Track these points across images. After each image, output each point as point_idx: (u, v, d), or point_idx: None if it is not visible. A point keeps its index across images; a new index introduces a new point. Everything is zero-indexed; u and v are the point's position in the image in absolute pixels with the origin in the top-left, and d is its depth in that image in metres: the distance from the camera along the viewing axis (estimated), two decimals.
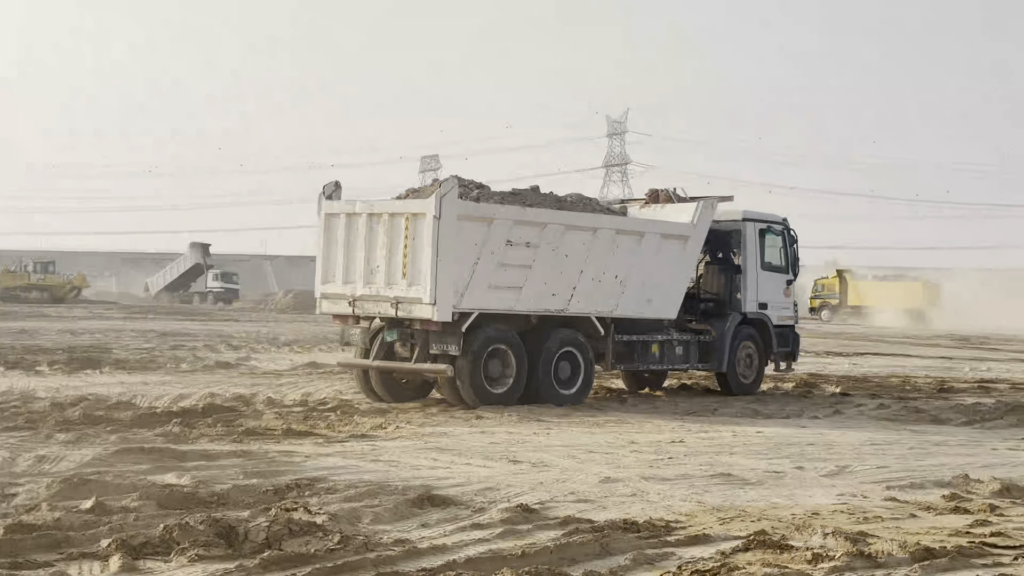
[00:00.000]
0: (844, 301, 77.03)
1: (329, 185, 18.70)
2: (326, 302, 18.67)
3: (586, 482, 11.36)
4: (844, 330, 56.85)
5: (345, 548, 8.17)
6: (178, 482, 10.49)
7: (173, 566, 7.73)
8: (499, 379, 18.14)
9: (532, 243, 18.18)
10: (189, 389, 19.39)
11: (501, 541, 8.65)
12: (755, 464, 12.83)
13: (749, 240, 21.75)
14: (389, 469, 11.86)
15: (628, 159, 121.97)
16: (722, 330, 21.15)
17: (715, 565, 7.93)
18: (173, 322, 47.36)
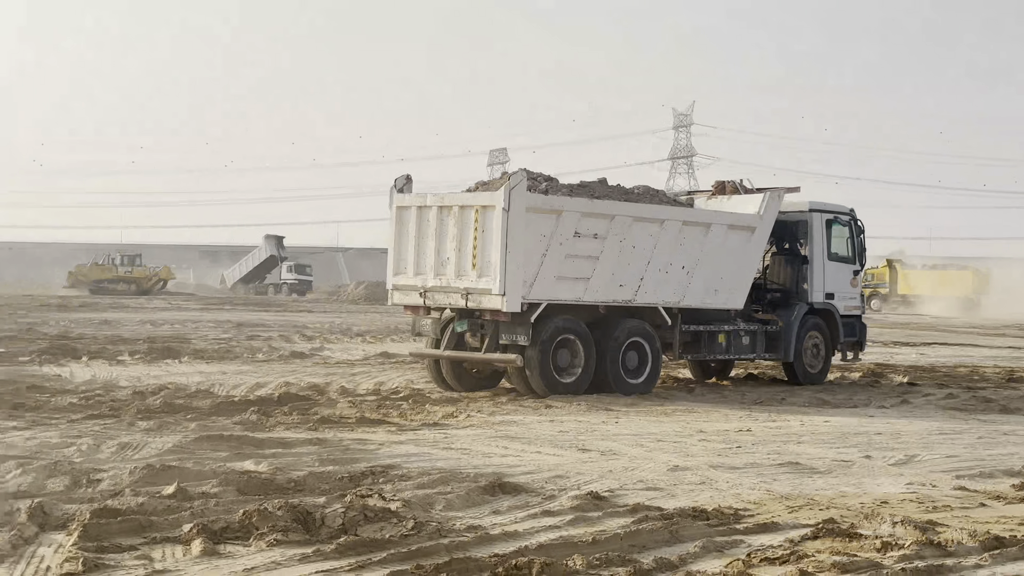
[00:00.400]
0: (894, 290, 76.31)
1: (400, 178, 18.95)
2: (398, 293, 18.94)
3: (655, 470, 11.50)
4: (910, 320, 56.29)
5: (419, 534, 8.39)
6: (256, 469, 10.78)
7: (252, 550, 7.98)
8: (567, 369, 18.32)
9: (600, 235, 18.32)
10: (265, 378, 19.78)
11: (572, 528, 8.83)
12: (823, 453, 12.90)
13: (816, 230, 21.73)
14: (461, 457, 12.08)
15: (694, 151, 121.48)
16: (789, 320, 21.17)
17: (784, 553, 8.05)
18: (248, 313, 48.01)
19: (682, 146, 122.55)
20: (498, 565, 7.44)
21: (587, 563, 7.58)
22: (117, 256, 77.62)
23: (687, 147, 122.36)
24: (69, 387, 17.83)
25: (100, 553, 7.69)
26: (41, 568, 7.35)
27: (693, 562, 7.86)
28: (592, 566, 7.54)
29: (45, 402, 15.70)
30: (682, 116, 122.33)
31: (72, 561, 7.41)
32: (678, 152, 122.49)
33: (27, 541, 8.00)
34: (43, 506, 8.79)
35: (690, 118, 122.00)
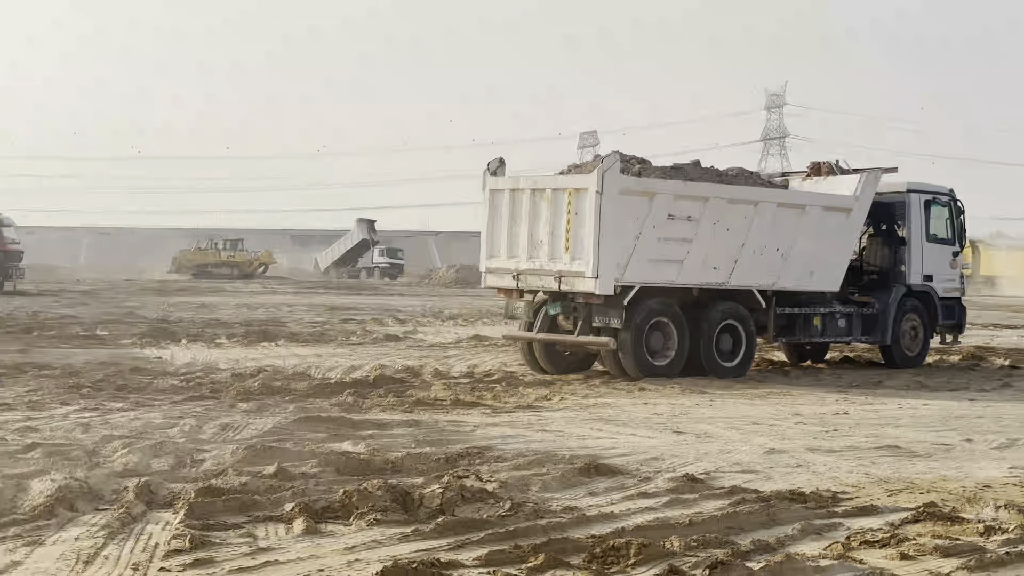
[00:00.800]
0: (977, 271, 75.01)
1: (493, 161, 19.02)
2: (491, 276, 19.03)
3: (751, 453, 11.46)
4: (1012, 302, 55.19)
5: (516, 514, 8.45)
6: (354, 450, 10.93)
7: (353, 529, 8.10)
8: (661, 351, 18.28)
9: (693, 217, 18.23)
10: (360, 361, 20.01)
11: (668, 510, 8.83)
12: (923, 437, 12.75)
13: (914, 211, 21.41)
14: (555, 439, 12.13)
15: (786, 132, 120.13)
16: (886, 302, 20.90)
17: (884, 536, 7.98)
18: (341, 297, 48.52)
19: (774, 127, 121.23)
20: (595, 546, 7.47)
21: (684, 544, 7.58)
22: (220, 241, 78.83)
23: (779, 128, 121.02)
24: (170, 369, 18.19)
25: (206, 531, 7.85)
26: (150, 545, 7.54)
27: (791, 544, 7.82)
28: (690, 547, 7.55)
29: (147, 384, 16.04)
30: (774, 96, 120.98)
31: (179, 538, 7.59)
32: (770, 133, 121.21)
33: (135, 519, 8.20)
34: (149, 485, 9.00)
35: (782, 98, 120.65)
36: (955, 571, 7.13)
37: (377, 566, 6.90)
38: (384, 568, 6.78)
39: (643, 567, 7.10)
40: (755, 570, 6.97)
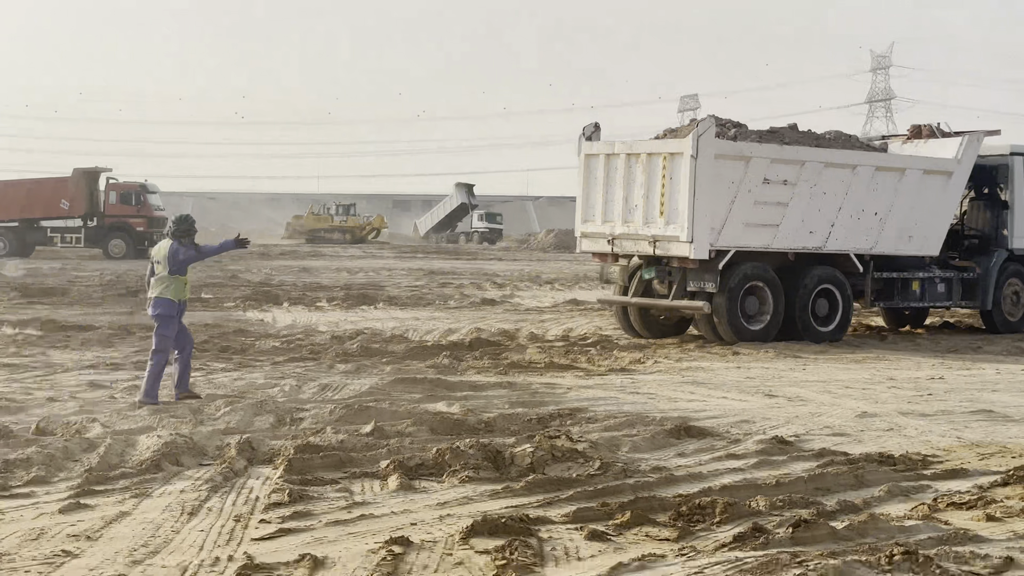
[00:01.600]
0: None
1: (589, 126, 19.09)
2: (586, 241, 19.15)
3: (842, 416, 11.49)
4: None
5: (605, 474, 8.62)
6: (448, 410, 11.18)
7: (445, 486, 8.34)
8: (756, 316, 18.28)
9: (789, 181, 18.15)
10: (457, 324, 20.30)
11: (756, 471, 8.93)
12: (1019, 401, 12.65)
13: (1017, 174, 21.02)
14: (647, 401, 12.26)
15: (892, 94, 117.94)
16: (987, 267, 20.61)
17: (971, 498, 8.01)
18: (440, 261, 48.97)
19: (880, 89, 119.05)
20: (681, 504, 7.61)
21: (770, 504, 7.69)
22: (332, 206, 79.75)
23: (885, 90, 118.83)
24: (271, 331, 18.63)
25: (304, 486, 8.15)
26: (251, 498, 7.84)
27: (877, 505, 7.89)
28: (775, 507, 7.65)
29: (250, 345, 16.47)
30: (880, 58, 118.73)
31: (279, 492, 7.89)
32: (876, 95, 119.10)
33: (237, 474, 8.52)
34: (251, 442, 9.33)
35: (889, 60, 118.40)
36: None
37: (468, 521, 7.12)
38: (474, 523, 7.00)
39: (728, 525, 7.22)
40: (838, 529, 7.06)
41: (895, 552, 6.45)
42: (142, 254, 44.30)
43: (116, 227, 45.35)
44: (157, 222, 45.65)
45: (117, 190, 46.11)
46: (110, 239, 45.23)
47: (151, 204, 46.15)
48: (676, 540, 6.94)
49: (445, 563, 6.40)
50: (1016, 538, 7.05)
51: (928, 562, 6.36)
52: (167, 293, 11.80)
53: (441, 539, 6.86)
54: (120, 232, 45.25)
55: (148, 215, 45.59)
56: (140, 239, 44.88)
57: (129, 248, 44.77)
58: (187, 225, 11.93)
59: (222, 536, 6.93)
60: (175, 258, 11.76)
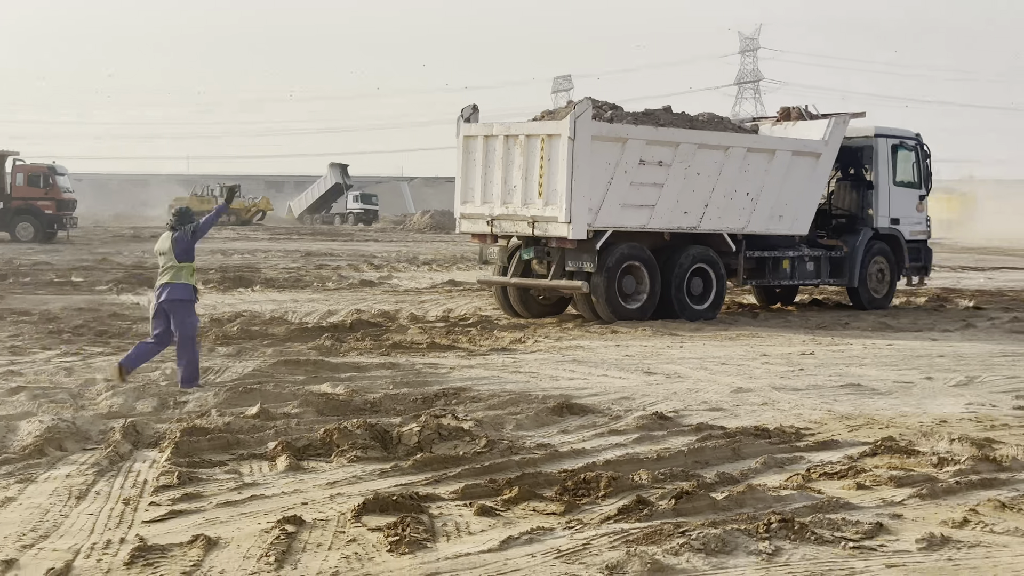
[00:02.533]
0: None
1: (467, 108, 19.21)
2: (465, 222, 19.27)
3: (718, 392, 11.82)
4: (981, 244, 55.82)
5: (491, 451, 8.78)
6: (333, 391, 11.23)
7: (334, 466, 8.42)
8: (633, 295, 18.62)
9: (665, 162, 18.50)
10: (336, 306, 20.28)
11: (637, 446, 9.18)
12: (885, 375, 13.14)
13: (881, 156, 21.73)
14: (529, 380, 12.46)
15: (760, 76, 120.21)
16: (854, 245, 21.26)
17: (843, 468, 8.36)
18: (316, 243, 48.64)
19: (748, 71, 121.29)
20: (567, 479, 7.81)
21: (652, 477, 7.93)
22: (216, 187, 78.31)
23: (753, 72, 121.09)
24: (148, 315, 18.37)
25: (192, 468, 8.16)
26: (139, 481, 7.83)
27: (754, 477, 8.18)
28: (657, 480, 7.89)
29: (127, 329, 16.28)
30: (748, 40, 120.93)
31: (167, 475, 7.89)
32: (744, 77, 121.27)
33: (123, 457, 8.49)
34: (135, 425, 9.29)
35: (756, 42, 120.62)
36: (907, 499, 7.50)
37: (359, 499, 7.22)
38: (366, 500, 7.10)
39: (612, 498, 7.44)
40: (718, 500, 7.32)
41: (772, 520, 6.74)
42: (51, 237, 43.28)
43: (23, 210, 44.09)
44: (66, 204, 44.61)
45: (24, 172, 44.86)
46: (17, 222, 44.03)
47: (60, 186, 44.97)
48: (563, 514, 7.13)
49: (339, 540, 6.49)
50: (885, 505, 7.39)
51: (804, 529, 6.65)
52: (181, 277, 11.94)
53: (333, 517, 6.95)
54: (28, 215, 44.04)
55: (56, 197, 44.40)
56: (49, 222, 43.79)
57: (38, 232, 43.63)
58: (187, 218, 12.07)
59: (112, 519, 6.92)
60: (179, 245, 11.92)
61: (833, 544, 6.49)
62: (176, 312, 11.87)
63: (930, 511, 7.26)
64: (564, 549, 6.35)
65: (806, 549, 6.39)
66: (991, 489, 7.83)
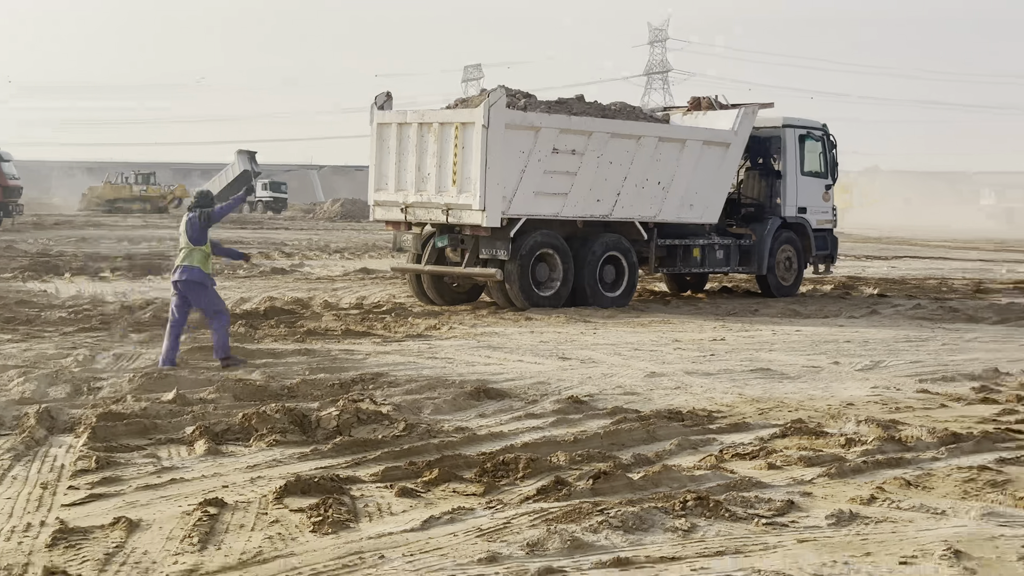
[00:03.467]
0: None
1: (381, 95, 19.20)
2: (379, 209, 19.28)
3: (632, 377, 12.00)
4: (886, 234, 56.97)
5: (410, 434, 8.86)
6: (250, 377, 11.21)
7: (253, 450, 8.44)
8: (546, 282, 18.77)
9: (577, 151, 18.66)
10: (249, 293, 20.18)
11: (554, 429, 9.31)
12: (794, 360, 13.43)
13: (789, 146, 22.12)
14: (446, 365, 12.54)
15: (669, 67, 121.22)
16: (762, 234, 21.62)
17: (754, 449, 8.56)
18: (225, 231, 48.13)
19: (657, 61, 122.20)
20: (486, 461, 7.91)
21: (570, 459, 8.07)
22: (131, 175, 77.02)
23: (663, 62, 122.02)
24: (56, 302, 18.17)
25: (110, 452, 8.12)
26: (56, 466, 7.78)
27: (669, 458, 8.35)
28: (574, 461, 8.03)
29: (35, 316, 16.05)
30: (657, 31, 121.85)
31: (85, 459, 7.85)
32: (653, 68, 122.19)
33: (38, 443, 8.42)
34: (50, 411, 9.21)
35: (665, 33, 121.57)
36: (816, 478, 7.71)
37: (280, 482, 7.26)
38: (287, 483, 7.14)
39: (531, 479, 7.55)
40: (635, 480, 7.47)
41: (688, 498, 6.90)
42: None
43: None
44: (12, 191, 43.66)
45: None
46: None
47: (5, 172, 43.98)
48: (483, 494, 7.23)
49: (261, 522, 6.53)
50: (794, 483, 7.59)
51: (718, 506, 6.83)
52: (194, 260, 12.29)
53: (255, 500, 6.98)
54: None
55: (2, 184, 43.44)
56: None
57: None
58: (205, 200, 12.40)
59: (31, 503, 6.88)
60: (192, 228, 12.27)
61: (746, 520, 6.66)
62: (191, 293, 12.30)
63: (839, 489, 7.48)
64: (485, 528, 6.45)
65: (720, 525, 6.56)
66: (896, 468, 8.07)
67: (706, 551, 6.11)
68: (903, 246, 45.51)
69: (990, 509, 6.94)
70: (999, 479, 7.65)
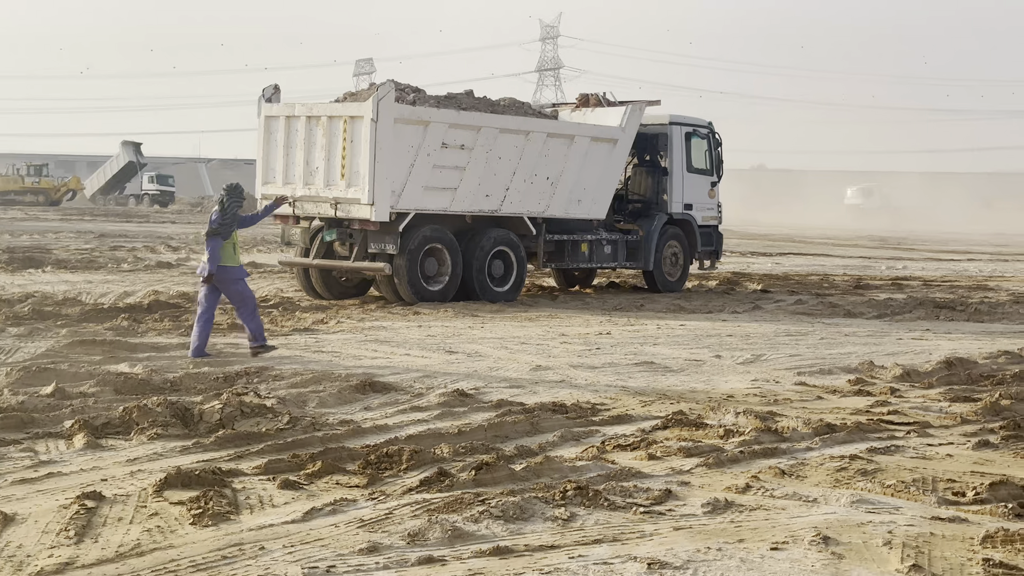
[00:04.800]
0: None
1: (269, 88, 19.05)
2: (267, 203, 19.10)
3: (518, 370, 12.10)
4: (767, 232, 57.99)
5: (294, 428, 8.85)
6: (131, 371, 11.08)
7: (134, 443, 8.35)
8: (435, 277, 18.81)
9: (467, 146, 18.73)
10: (133, 287, 19.89)
11: (439, 421, 9.36)
12: (677, 353, 13.65)
13: (675, 143, 22.42)
14: (332, 359, 12.52)
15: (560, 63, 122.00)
16: (649, 230, 21.89)
17: (635, 440, 8.71)
18: (110, 224, 47.37)
19: (549, 58, 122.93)
20: (370, 453, 7.93)
21: (453, 451, 8.12)
22: (23, 166, 75.16)
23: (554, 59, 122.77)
24: None
25: None
26: None
27: (552, 449, 8.46)
28: (458, 453, 8.09)
29: None
30: (549, 28, 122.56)
31: None
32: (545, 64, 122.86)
33: None
34: None
35: (556, 30, 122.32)
36: (695, 468, 7.88)
37: (160, 475, 7.20)
38: (167, 476, 7.09)
39: (415, 471, 7.60)
40: (517, 471, 7.56)
41: (568, 488, 7.00)
42: None
43: None
44: None
45: None
46: None
47: None
48: (366, 486, 7.25)
49: (140, 515, 6.48)
50: (674, 473, 7.74)
51: (597, 496, 6.94)
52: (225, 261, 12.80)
53: (134, 493, 6.93)
54: None
55: None
56: None
57: None
58: (236, 193, 12.93)
59: None
60: (209, 222, 12.84)
61: (625, 509, 6.78)
62: (221, 283, 12.74)
63: (716, 478, 7.64)
64: (367, 519, 6.48)
65: (599, 514, 6.67)
66: (772, 458, 8.28)
67: (584, 539, 6.21)
68: (787, 243, 46.38)
69: (859, 497, 7.16)
70: (869, 468, 7.89)
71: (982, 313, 19.16)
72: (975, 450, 8.69)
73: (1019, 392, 11.14)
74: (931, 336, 16.03)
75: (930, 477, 7.70)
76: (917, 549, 6.09)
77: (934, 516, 6.77)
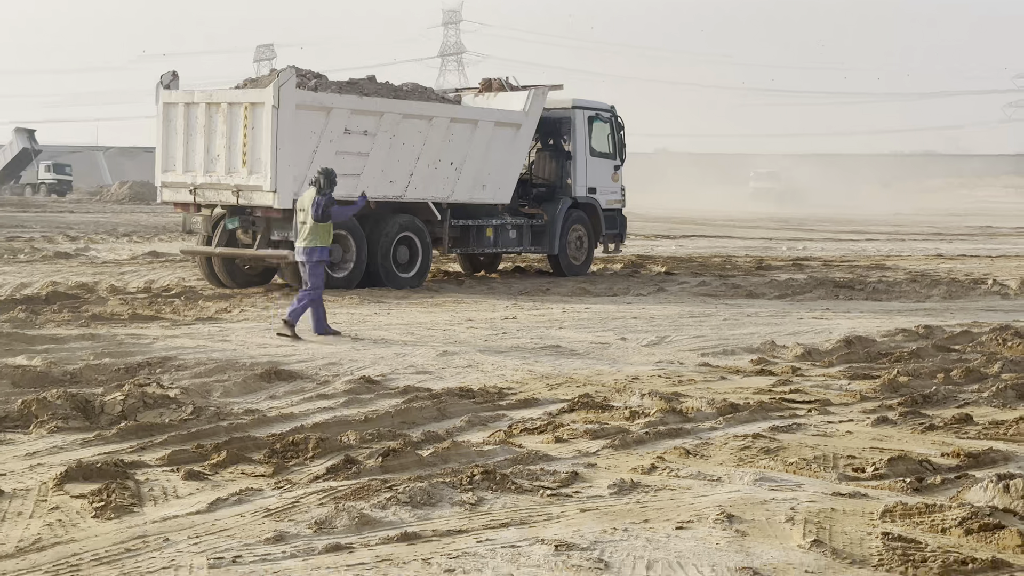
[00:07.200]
0: None
1: (167, 75, 18.77)
2: (167, 191, 18.87)
3: (425, 356, 12.08)
4: (671, 215, 58.55)
5: (198, 418, 8.75)
6: (29, 363, 10.86)
7: (33, 437, 8.20)
8: (339, 264, 18.69)
9: (369, 131, 18.63)
10: (30, 278, 19.49)
11: (345, 409, 9.33)
12: (582, 337, 13.73)
13: (578, 127, 22.52)
14: (236, 348, 12.39)
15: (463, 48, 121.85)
16: (553, 214, 21.98)
17: (542, 423, 8.75)
18: (4, 213, 46.35)
19: (451, 43, 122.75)
20: (276, 442, 7.88)
21: (360, 438, 8.10)
22: None
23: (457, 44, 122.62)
24: None
25: None
26: None
27: (459, 434, 8.47)
28: (365, 440, 8.07)
29: None
30: (451, 12, 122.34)
31: None
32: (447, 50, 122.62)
33: None
34: None
35: (459, 15, 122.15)
36: (601, 450, 7.94)
37: (61, 468, 7.08)
38: (68, 469, 6.98)
39: (321, 459, 7.56)
40: (424, 456, 7.56)
41: (475, 473, 7.02)
42: None
43: None
44: None
45: None
46: None
47: None
48: (272, 475, 7.20)
49: (40, 509, 6.37)
50: (580, 456, 7.80)
51: (505, 479, 6.97)
52: (316, 242, 13.62)
53: (34, 487, 6.80)
54: None
55: None
56: None
57: None
58: (329, 178, 13.61)
59: None
60: (317, 207, 13.47)
61: (532, 492, 6.82)
62: (310, 268, 13.59)
63: (622, 460, 7.71)
64: (273, 508, 6.44)
65: (507, 498, 6.70)
66: (677, 438, 8.37)
67: (492, 523, 6.23)
68: (691, 225, 46.86)
69: (762, 474, 7.27)
70: (772, 446, 8.01)
71: (880, 292, 19.55)
72: (874, 427, 8.87)
73: (916, 369, 11.41)
74: (831, 315, 16.31)
75: (831, 454, 7.85)
76: (819, 525, 6.20)
77: (835, 492, 6.90)
